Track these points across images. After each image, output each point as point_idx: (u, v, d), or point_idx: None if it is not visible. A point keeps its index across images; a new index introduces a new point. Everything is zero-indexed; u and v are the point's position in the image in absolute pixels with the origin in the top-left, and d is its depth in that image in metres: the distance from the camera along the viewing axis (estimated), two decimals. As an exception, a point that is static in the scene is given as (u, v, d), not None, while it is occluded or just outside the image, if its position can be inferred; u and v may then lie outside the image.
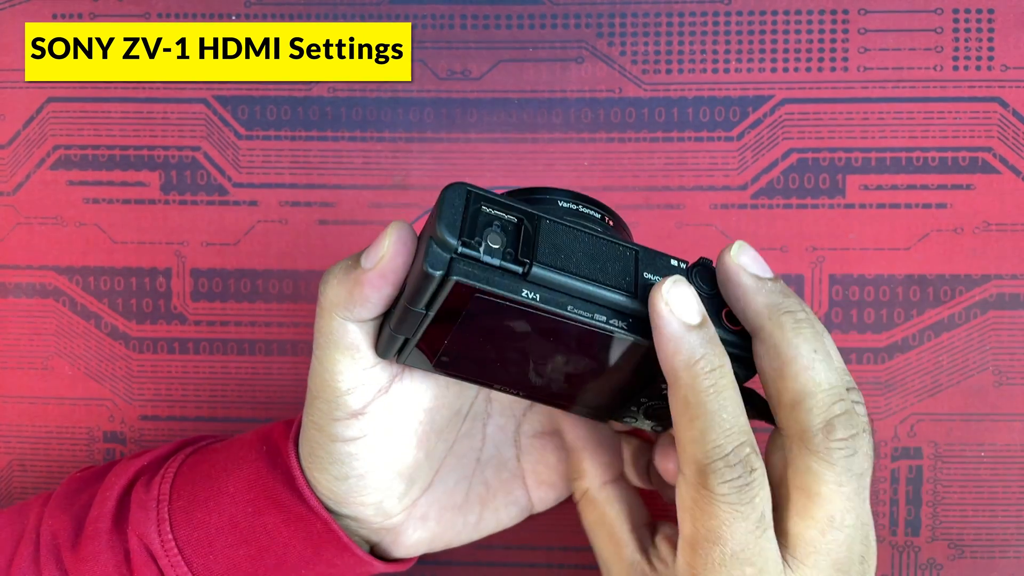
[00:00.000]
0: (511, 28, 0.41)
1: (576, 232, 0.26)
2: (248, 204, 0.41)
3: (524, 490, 0.36)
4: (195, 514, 0.32)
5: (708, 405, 0.25)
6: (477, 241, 0.24)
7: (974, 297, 0.40)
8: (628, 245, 0.27)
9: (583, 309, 0.26)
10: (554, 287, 0.25)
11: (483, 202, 0.25)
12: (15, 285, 0.42)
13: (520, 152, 0.41)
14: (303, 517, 0.31)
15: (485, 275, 0.24)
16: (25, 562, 0.33)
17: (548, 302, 0.25)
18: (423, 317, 0.25)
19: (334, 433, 0.29)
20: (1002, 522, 0.40)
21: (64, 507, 0.34)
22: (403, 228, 0.26)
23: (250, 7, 0.41)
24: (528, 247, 0.25)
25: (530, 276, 0.25)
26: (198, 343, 0.42)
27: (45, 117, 0.42)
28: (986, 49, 0.40)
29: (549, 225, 0.26)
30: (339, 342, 0.27)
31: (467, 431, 0.34)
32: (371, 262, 0.26)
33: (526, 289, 0.25)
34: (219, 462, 0.33)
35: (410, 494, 0.32)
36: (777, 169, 0.40)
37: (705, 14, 0.40)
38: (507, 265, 0.25)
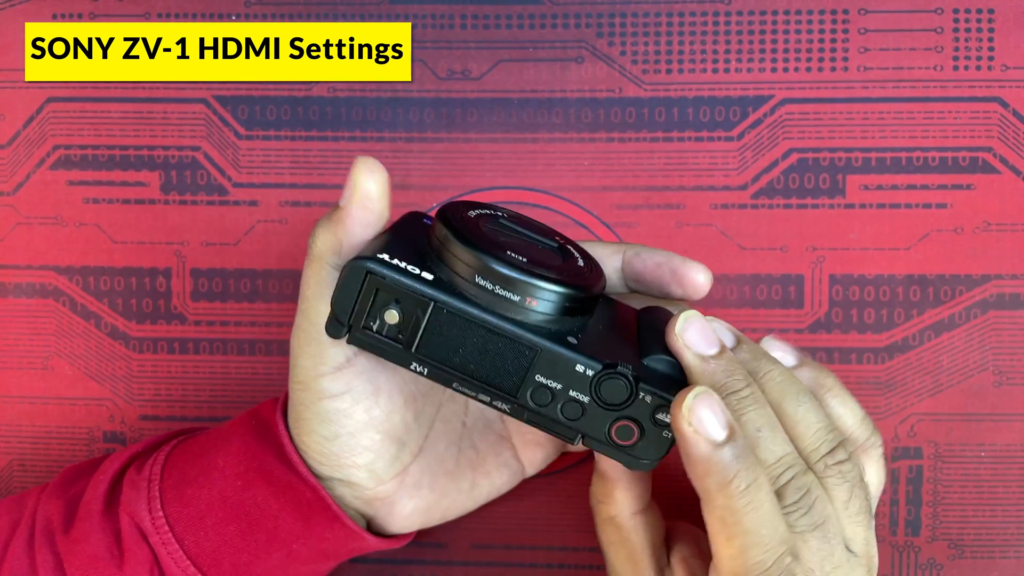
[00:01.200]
0: (511, 28, 0.41)
1: (471, 323, 0.27)
2: (248, 204, 0.41)
3: (512, 451, 0.36)
4: (185, 491, 0.32)
5: (745, 524, 0.25)
6: (371, 318, 0.27)
7: (974, 297, 0.40)
8: (530, 343, 0.27)
9: (468, 388, 0.28)
10: (440, 366, 0.27)
11: (380, 284, 0.27)
12: (15, 285, 0.42)
13: (520, 152, 0.41)
14: (293, 486, 0.31)
15: (378, 345, 0.27)
16: (20, 548, 0.33)
17: (435, 377, 0.28)
18: None
19: (320, 389, 0.29)
20: (1002, 522, 0.40)
21: (58, 494, 0.34)
22: (368, 160, 0.28)
23: (250, 7, 0.41)
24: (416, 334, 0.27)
25: (415, 355, 0.27)
26: (198, 343, 0.42)
27: (45, 117, 0.42)
28: (986, 49, 0.40)
29: (445, 316, 0.27)
30: (324, 293, 0.28)
31: (451, 395, 0.35)
32: (346, 199, 0.28)
33: (415, 362, 0.27)
34: (210, 440, 0.34)
35: (401, 458, 0.32)
36: (777, 169, 0.40)
37: (705, 14, 0.40)
38: (398, 340, 0.27)
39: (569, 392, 0.27)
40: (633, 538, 0.32)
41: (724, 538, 0.26)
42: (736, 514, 0.25)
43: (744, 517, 0.25)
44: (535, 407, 0.28)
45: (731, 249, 0.40)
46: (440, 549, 0.41)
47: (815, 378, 0.31)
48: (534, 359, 0.27)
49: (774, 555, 0.26)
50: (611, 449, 0.28)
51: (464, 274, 0.27)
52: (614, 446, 0.28)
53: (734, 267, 0.40)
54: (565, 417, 0.28)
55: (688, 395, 0.26)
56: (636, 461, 0.28)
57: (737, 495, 0.25)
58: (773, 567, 0.26)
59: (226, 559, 0.32)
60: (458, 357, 0.27)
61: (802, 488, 0.27)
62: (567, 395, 0.27)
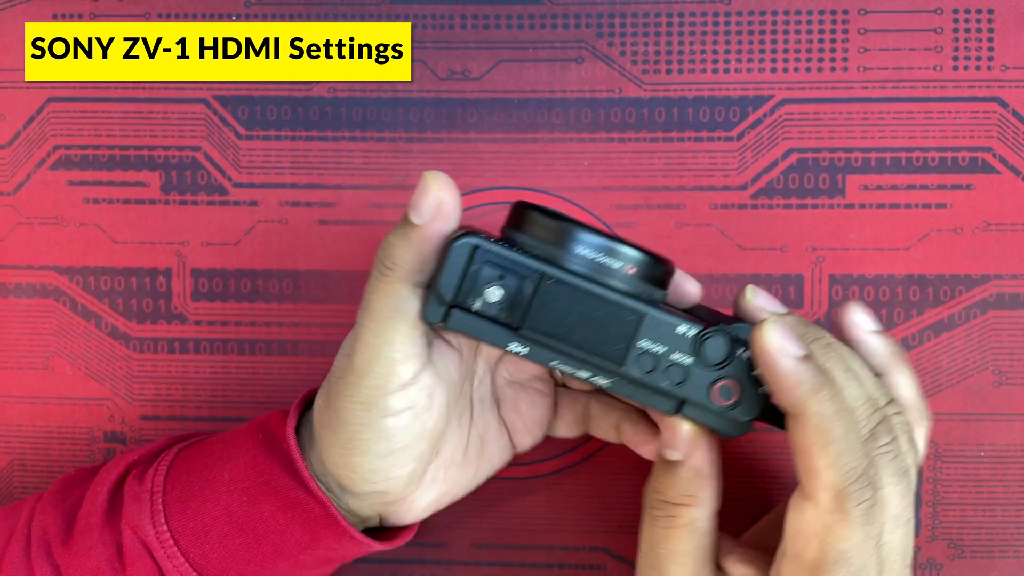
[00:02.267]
0: (511, 28, 0.41)
1: (578, 292, 0.27)
2: (248, 204, 0.41)
3: (508, 437, 0.36)
4: (190, 504, 0.32)
5: (838, 430, 0.26)
6: (475, 297, 0.27)
7: (974, 297, 0.40)
8: (635, 308, 0.28)
9: (568, 365, 0.28)
10: (542, 344, 0.28)
11: (488, 258, 0.27)
12: (15, 285, 0.42)
13: (520, 152, 0.41)
14: (301, 503, 0.31)
15: (477, 326, 0.27)
16: (16, 558, 0.33)
17: (535, 356, 0.28)
18: None
19: (386, 407, 0.29)
20: (1002, 522, 0.40)
21: (55, 504, 0.34)
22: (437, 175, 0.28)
23: (250, 7, 0.41)
24: (523, 308, 0.27)
25: (521, 332, 0.27)
26: (198, 343, 0.42)
27: (45, 117, 0.42)
28: (986, 49, 0.40)
29: (551, 285, 0.27)
30: (404, 309, 0.28)
31: (464, 390, 0.35)
32: (428, 213, 0.28)
33: (516, 342, 0.28)
34: (215, 452, 0.33)
35: (432, 459, 0.33)
36: (777, 169, 0.40)
37: (705, 14, 0.40)
38: (501, 319, 0.27)
39: (672, 356, 0.28)
40: (708, 543, 0.30)
41: (820, 447, 0.26)
42: (829, 420, 0.26)
43: (836, 423, 0.26)
44: (638, 375, 0.28)
45: (731, 249, 0.40)
46: (440, 549, 0.41)
47: None
48: (639, 324, 0.27)
49: (864, 462, 0.26)
50: (710, 414, 0.29)
51: (562, 246, 0.28)
52: (713, 411, 0.29)
53: (734, 267, 0.40)
54: (668, 382, 0.28)
55: (766, 322, 0.27)
56: (733, 424, 0.29)
57: (829, 400, 0.26)
58: (864, 475, 0.26)
59: (232, 571, 0.32)
60: (564, 329, 0.27)
61: (891, 432, 0.28)
62: (670, 359, 0.28)
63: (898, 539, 0.27)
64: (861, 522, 0.26)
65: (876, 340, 0.32)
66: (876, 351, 0.31)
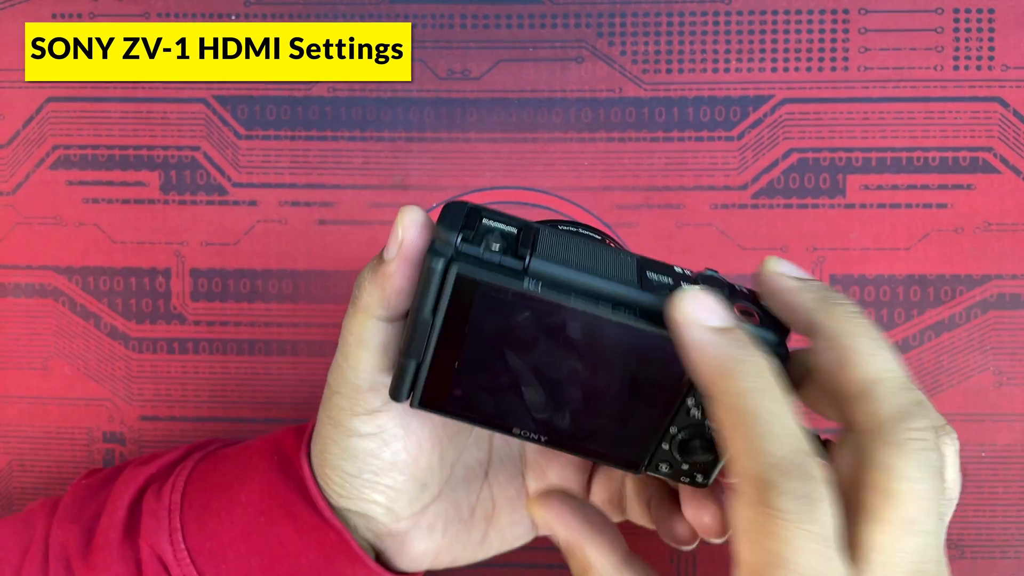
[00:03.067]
0: (511, 28, 0.41)
1: (577, 238, 0.27)
2: (248, 204, 0.41)
3: None
4: (207, 524, 0.32)
5: (752, 409, 0.23)
6: (477, 241, 0.25)
7: (974, 297, 0.40)
8: (629, 253, 0.27)
9: (586, 302, 0.25)
10: (555, 280, 0.25)
11: (483, 214, 0.26)
12: (14, 285, 0.42)
13: (520, 152, 0.41)
14: (317, 528, 0.31)
15: (485, 269, 0.25)
16: (33, 574, 0.33)
17: (550, 293, 0.25)
18: (430, 328, 0.26)
19: (351, 428, 0.29)
20: (1002, 522, 0.40)
21: (73, 517, 0.34)
22: (412, 209, 0.26)
23: (250, 7, 0.41)
24: (527, 246, 0.25)
25: (530, 270, 0.25)
26: (198, 343, 0.42)
27: (45, 117, 0.42)
28: (986, 49, 0.39)
29: (549, 232, 0.26)
30: (368, 342, 0.28)
31: (475, 441, 0.34)
32: (392, 251, 0.26)
33: (527, 279, 0.25)
34: (230, 471, 0.33)
35: (421, 499, 0.32)
36: (777, 169, 0.40)
37: (705, 14, 0.40)
38: (507, 260, 0.25)
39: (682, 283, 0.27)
40: None
41: (732, 430, 0.23)
42: (740, 398, 0.23)
43: (750, 401, 0.23)
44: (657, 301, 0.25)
45: (731, 249, 0.40)
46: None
47: None
48: (641, 263, 0.27)
49: (788, 447, 0.23)
50: None
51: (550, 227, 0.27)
52: None
53: (734, 267, 0.40)
54: None
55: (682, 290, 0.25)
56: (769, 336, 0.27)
57: (740, 377, 0.23)
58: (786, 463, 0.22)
59: None
60: (573, 259, 0.26)
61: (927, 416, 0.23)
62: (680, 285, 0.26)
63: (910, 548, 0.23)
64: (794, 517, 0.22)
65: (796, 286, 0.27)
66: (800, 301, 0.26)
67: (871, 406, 0.24)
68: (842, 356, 0.24)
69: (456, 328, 0.26)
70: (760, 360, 0.24)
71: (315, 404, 0.44)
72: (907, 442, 0.23)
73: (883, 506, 0.23)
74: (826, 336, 0.25)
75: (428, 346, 0.26)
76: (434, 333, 0.26)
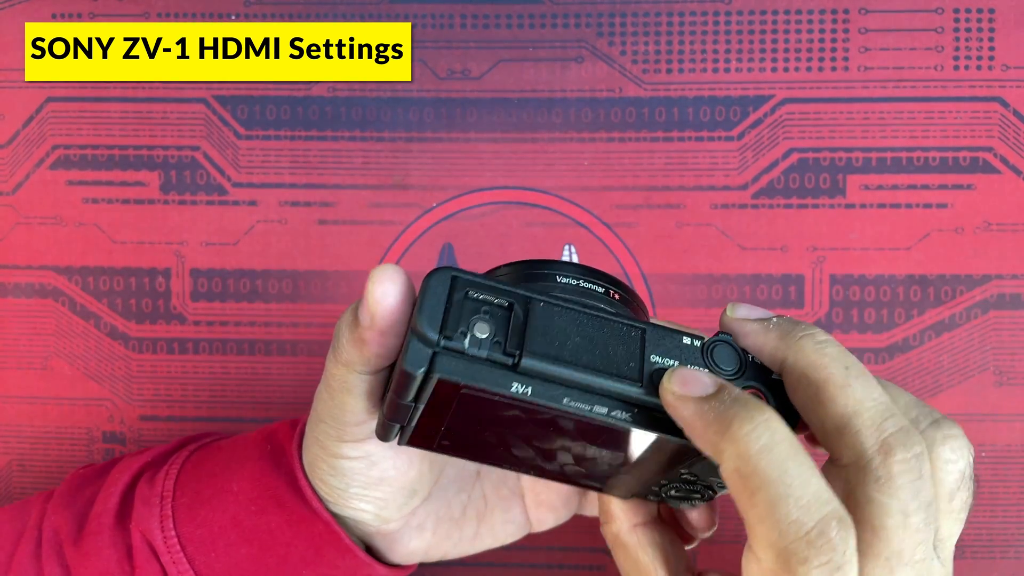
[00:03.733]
0: (511, 28, 0.41)
1: (573, 313, 0.24)
2: (248, 204, 0.41)
3: (522, 509, 0.35)
4: (198, 511, 0.32)
5: (767, 472, 0.21)
6: (462, 332, 0.23)
7: (975, 297, 0.40)
8: (633, 324, 0.24)
9: (581, 401, 0.23)
10: (548, 378, 0.23)
11: (469, 288, 0.23)
12: (14, 285, 0.42)
13: (520, 152, 0.41)
14: (306, 519, 0.31)
15: (471, 370, 0.23)
16: (26, 558, 0.33)
17: (541, 396, 0.23)
18: (413, 409, 0.25)
19: (337, 452, 0.29)
20: (1002, 522, 0.40)
21: (66, 504, 0.34)
22: (384, 271, 0.24)
23: (250, 7, 0.41)
24: (518, 336, 0.23)
25: (520, 368, 0.23)
26: (197, 343, 0.42)
27: (44, 117, 0.42)
28: (987, 49, 0.39)
29: (543, 308, 0.23)
30: (352, 390, 0.27)
31: None
32: (366, 320, 0.25)
33: (516, 383, 0.23)
34: (223, 459, 0.33)
35: (410, 503, 0.32)
36: (777, 169, 0.40)
37: (705, 13, 0.40)
38: (495, 357, 0.23)
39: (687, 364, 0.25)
40: (643, 558, 0.29)
41: (747, 497, 0.21)
42: (751, 461, 0.21)
43: (762, 463, 0.21)
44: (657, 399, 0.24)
45: (731, 249, 0.40)
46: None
47: None
48: (644, 339, 0.24)
49: (814, 514, 0.21)
50: None
51: (543, 278, 0.26)
52: None
53: (734, 267, 0.40)
54: None
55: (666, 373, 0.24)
56: None
57: (746, 438, 0.21)
58: (814, 530, 0.21)
59: None
60: (567, 353, 0.23)
61: (911, 446, 0.22)
62: None
63: None
64: None
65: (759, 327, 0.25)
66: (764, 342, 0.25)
67: (851, 441, 0.23)
68: (815, 392, 0.23)
69: (441, 408, 0.24)
70: (763, 413, 0.22)
71: (315, 404, 0.43)
72: (892, 477, 0.22)
73: (873, 541, 0.22)
74: (797, 372, 0.24)
75: (411, 419, 0.25)
76: (417, 412, 0.25)
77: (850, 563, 0.21)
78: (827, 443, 0.24)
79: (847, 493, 0.23)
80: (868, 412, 0.23)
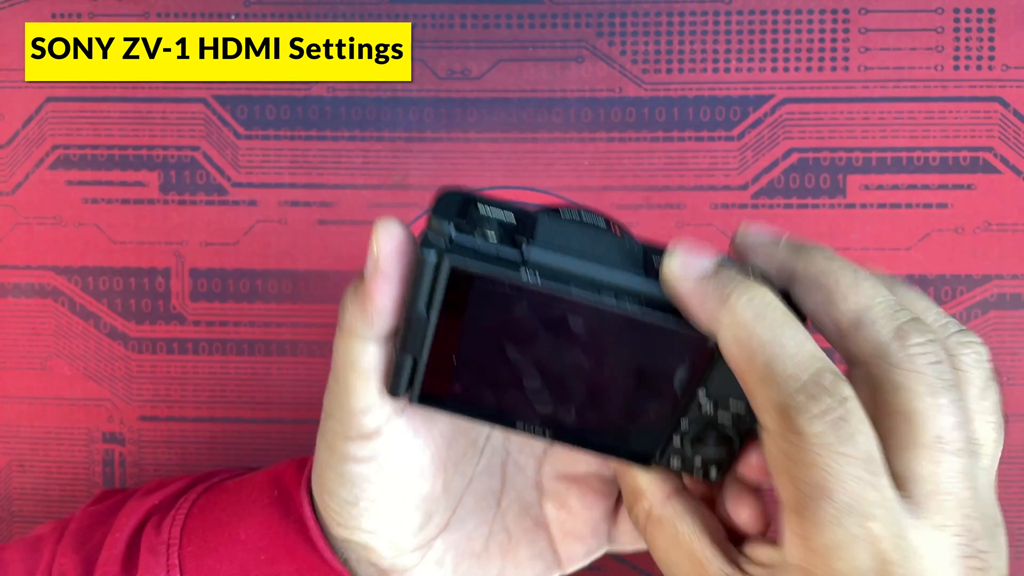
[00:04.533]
0: (511, 28, 0.41)
1: (577, 225, 0.25)
2: (247, 204, 0.41)
3: (549, 542, 0.32)
4: (205, 560, 0.31)
5: (762, 335, 0.22)
6: (472, 230, 0.24)
7: (975, 297, 0.40)
8: (634, 239, 0.26)
9: (588, 292, 0.24)
10: (555, 271, 0.24)
11: (478, 201, 0.25)
12: (14, 285, 0.42)
13: (520, 152, 0.41)
14: (318, 568, 0.30)
15: (481, 261, 0.24)
16: None
17: (547, 286, 0.24)
18: (425, 324, 0.25)
19: (346, 452, 0.28)
20: (1002, 522, 0.40)
21: (76, 546, 0.33)
22: (387, 222, 0.25)
23: (250, 7, 0.41)
24: (524, 235, 0.24)
25: (528, 260, 0.24)
26: (197, 343, 0.42)
27: (44, 117, 0.42)
28: (987, 49, 0.39)
29: (547, 219, 0.25)
30: (356, 363, 0.26)
31: (486, 468, 0.32)
32: (370, 268, 0.25)
33: (526, 272, 0.24)
34: (230, 505, 0.32)
35: (426, 531, 0.30)
36: (778, 169, 0.40)
37: (705, 13, 0.40)
38: (503, 250, 0.24)
39: None
40: (682, 529, 0.27)
41: (746, 362, 0.22)
42: (747, 328, 0.22)
43: (758, 328, 0.22)
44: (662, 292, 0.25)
45: (731, 249, 0.40)
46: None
47: None
48: (645, 248, 0.25)
49: (808, 368, 0.22)
50: None
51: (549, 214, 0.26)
52: None
53: (734, 267, 0.40)
54: None
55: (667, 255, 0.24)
56: None
57: (741, 307, 0.23)
58: (810, 382, 0.21)
59: None
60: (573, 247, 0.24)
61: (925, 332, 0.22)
62: None
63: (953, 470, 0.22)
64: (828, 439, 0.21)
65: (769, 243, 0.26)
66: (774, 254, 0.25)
67: (867, 333, 0.23)
68: (827, 295, 0.24)
69: (453, 322, 0.25)
70: (758, 287, 0.23)
71: (315, 404, 0.43)
72: (912, 359, 0.22)
73: (910, 429, 0.22)
74: (808, 281, 0.24)
75: (424, 341, 0.25)
76: (430, 328, 0.25)
77: (852, 413, 0.21)
78: (843, 345, 0.24)
79: (873, 390, 0.23)
80: (879, 306, 0.23)
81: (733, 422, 0.26)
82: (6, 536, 0.43)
